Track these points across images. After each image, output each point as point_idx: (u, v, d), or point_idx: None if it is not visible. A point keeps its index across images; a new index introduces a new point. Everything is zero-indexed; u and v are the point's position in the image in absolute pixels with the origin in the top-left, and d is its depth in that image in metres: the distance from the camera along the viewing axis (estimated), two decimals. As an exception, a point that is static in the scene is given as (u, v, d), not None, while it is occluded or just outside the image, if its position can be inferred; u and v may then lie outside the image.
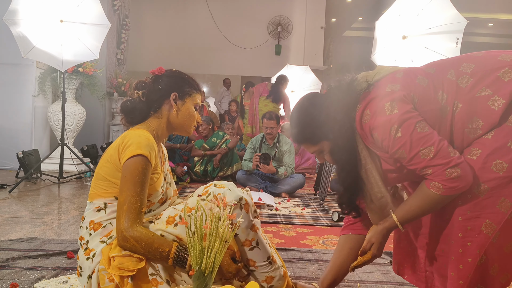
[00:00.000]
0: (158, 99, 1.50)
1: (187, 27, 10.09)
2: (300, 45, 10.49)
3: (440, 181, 1.17)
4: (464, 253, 1.21)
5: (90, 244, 1.38)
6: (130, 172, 1.33)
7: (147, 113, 1.51)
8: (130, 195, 1.31)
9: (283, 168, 4.45)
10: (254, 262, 1.38)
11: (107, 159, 1.41)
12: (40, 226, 2.72)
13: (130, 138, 1.38)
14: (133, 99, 1.51)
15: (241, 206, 1.35)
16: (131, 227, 1.29)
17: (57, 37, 4.07)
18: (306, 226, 3.04)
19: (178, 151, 5.59)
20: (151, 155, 1.37)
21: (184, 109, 1.51)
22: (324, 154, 1.39)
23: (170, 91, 1.50)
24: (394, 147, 1.21)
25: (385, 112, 1.21)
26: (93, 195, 1.42)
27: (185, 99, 1.52)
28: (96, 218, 1.40)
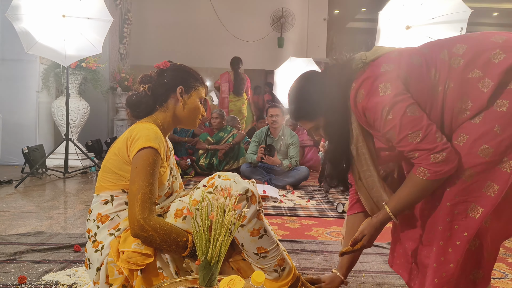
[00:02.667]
0: (164, 93, 1.50)
1: (189, 21, 10.06)
2: (303, 38, 10.44)
3: (425, 165, 1.20)
4: (452, 236, 1.22)
5: (98, 236, 1.39)
6: (141, 163, 1.33)
7: (153, 106, 1.52)
8: (144, 185, 1.31)
9: (288, 160, 4.45)
10: (265, 248, 1.40)
11: (114, 152, 1.41)
12: (46, 220, 2.74)
13: (139, 131, 1.38)
14: (139, 93, 1.51)
15: (248, 198, 1.36)
16: (149, 217, 1.29)
17: (60, 32, 4.06)
18: (310, 218, 3.05)
19: (184, 145, 5.60)
20: (160, 148, 1.37)
21: (190, 103, 1.52)
22: (320, 130, 1.42)
23: (176, 85, 1.50)
24: (385, 128, 1.24)
25: (379, 92, 1.23)
26: (100, 188, 1.43)
27: (191, 92, 1.52)
28: (103, 211, 1.40)
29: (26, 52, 4.06)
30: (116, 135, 7.00)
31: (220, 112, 5.41)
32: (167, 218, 1.36)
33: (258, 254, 1.39)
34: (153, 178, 1.34)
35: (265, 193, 3.63)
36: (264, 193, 3.63)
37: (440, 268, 1.24)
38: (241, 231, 1.37)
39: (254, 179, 4.31)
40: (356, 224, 1.54)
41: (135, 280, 1.33)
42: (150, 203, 1.31)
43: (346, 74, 1.32)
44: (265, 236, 1.39)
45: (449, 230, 1.23)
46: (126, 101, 1.54)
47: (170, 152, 1.56)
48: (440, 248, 1.24)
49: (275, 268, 1.42)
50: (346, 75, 1.32)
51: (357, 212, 1.59)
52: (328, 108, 1.35)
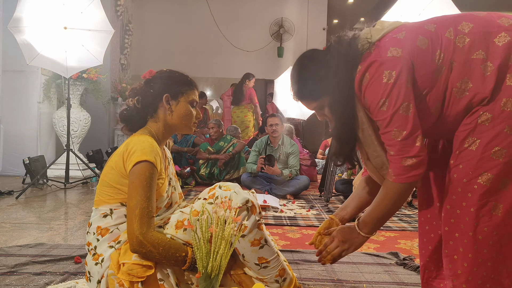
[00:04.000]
0: (152, 103, 1.49)
1: (189, 31, 10.13)
2: (302, 47, 10.48)
3: (394, 167, 1.25)
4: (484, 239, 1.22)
5: (98, 249, 1.39)
6: (138, 177, 1.33)
7: (145, 118, 1.51)
8: (141, 200, 1.31)
9: (288, 170, 4.45)
10: (266, 259, 1.40)
11: (111, 166, 1.42)
12: (47, 231, 2.74)
13: (134, 144, 1.38)
14: (129, 107, 1.51)
15: (248, 208, 1.37)
16: (147, 232, 1.29)
17: (61, 43, 4.09)
18: (311, 227, 3.04)
19: (185, 155, 5.61)
20: (157, 161, 1.37)
21: (179, 109, 1.50)
22: (324, 110, 1.39)
23: (162, 93, 1.49)
24: (377, 117, 1.26)
25: (382, 79, 1.23)
26: (98, 202, 1.43)
27: (179, 98, 1.50)
28: (103, 224, 1.41)
29: (28, 64, 4.09)
30: (117, 145, 7.02)
31: (216, 121, 5.43)
32: (168, 229, 1.37)
33: (259, 264, 1.40)
34: (150, 192, 1.34)
35: (265, 202, 3.63)
36: (265, 202, 3.63)
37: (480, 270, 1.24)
38: (241, 241, 1.37)
39: (255, 188, 4.34)
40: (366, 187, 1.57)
41: (136, 293, 1.33)
42: (148, 217, 1.31)
43: (351, 54, 1.29)
44: (265, 246, 1.39)
45: (480, 233, 1.23)
46: (119, 117, 1.54)
47: (168, 162, 1.56)
48: (475, 251, 1.24)
49: (276, 279, 1.42)
50: (352, 55, 1.29)
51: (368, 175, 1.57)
52: (333, 88, 1.32)
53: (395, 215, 3.54)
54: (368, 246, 2.55)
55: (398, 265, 2.17)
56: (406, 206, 3.91)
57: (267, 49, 10.41)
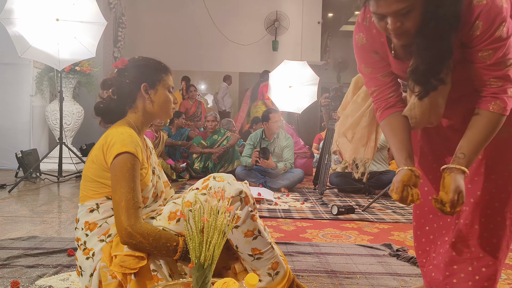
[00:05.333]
0: (129, 93, 1.45)
1: (183, 24, 10.06)
2: (297, 41, 10.47)
3: (501, 97, 1.18)
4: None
5: (88, 244, 1.38)
6: (119, 170, 1.31)
7: (123, 109, 1.47)
8: (125, 192, 1.30)
9: (282, 163, 4.46)
10: (259, 250, 1.40)
11: (92, 160, 1.39)
12: (40, 224, 2.73)
13: (113, 136, 1.35)
14: (105, 99, 1.46)
15: (241, 199, 1.36)
16: (136, 223, 1.28)
17: (54, 36, 4.05)
18: (305, 220, 3.05)
19: (179, 148, 5.59)
20: (137, 151, 1.35)
21: (158, 97, 1.46)
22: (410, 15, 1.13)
23: (139, 82, 1.44)
24: (490, 44, 1.15)
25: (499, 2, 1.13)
26: (84, 197, 1.41)
27: (156, 86, 1.46)
28: (90, 219, 1.39)
29: (20, 56, 4.05)
30: (110, 139, 6.97)
31: (215, 115, 5.42)
32: (161, 220, 1.36)
33: (253, 255, 1.39)
34: (134, 183, 1.32)
35: (260, 195, 3.63)
36: (259, 195, 3.63)
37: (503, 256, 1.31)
38: (235, 232, 1.37)
39: (249, 182, 4.33)
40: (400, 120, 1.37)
41: (129, 284, 1.32)
42: (135, 208, 1.30)
43: None
44: (259, 237, 1.39)
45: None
46: (95, 110, 1.47)
47: (150, 152, 1.54)
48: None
49: (269, 272, 1.42)
50: None
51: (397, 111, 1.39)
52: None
53: (388, 207, 3.56)
54: (362, 238, 2.56)
55: (391, 256, 2.18)
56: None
57: (262, 43, 10.38)
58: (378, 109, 1.42)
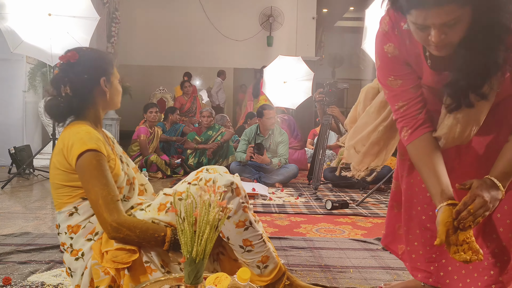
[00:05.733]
0: (88, 88, 1.39)
1: (177, 20, 10.01)
2: (292, 36, 10.45)
3: None
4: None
5: (75, 245, 1.36)
6: (87, 169, 1.28)
7: (81, 105, 1.41)
8: (99, 190, 1.27)
9: (277, 158, 4.46)
10: (250, 241, 1.39)
11: (55, 167, 1.36)
12: (33, 220, 2.71)
13: (70, 138, 1.32)
14: (60, 98, 1.38)
15: (232, 190, 1.36)
16: (119, 217, 1.27)
17: (46, 31, 4.00)
18: (299, 215, 3.06)
19: (173, 144, 5.58)
20: (99, 145, 1.32)
21: (113, 89, 1.46)
22: (456, 26, 1.04)
23: (97, 77, 1.40)
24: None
25: None
26: (59, 205, 1.38)
27: (111, 79, 1.45)
28: (72, 222, 1.37)
29: (12, 52, 4.01)
30: (104, 135, 6.94)
31: (211, 111, 5.41)
32: (150, 212, 1.35)
33: (244, 247, 1.39)
34: (106, 178, 1.29)
35: (254, 191, 3.63)
36: (254, 191, 3.63)
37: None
38: (226, 223, 1.36)
39: (244, 177, 4.34)
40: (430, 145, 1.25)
41: (123, 279, 1.32)
42: (114, 203, 1.28)
43: None
44: (250, 228, 1.38)
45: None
46: (49, 112, 1.40)
47: (113, 142, 1.52)
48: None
49: (258, 264, 1.42)
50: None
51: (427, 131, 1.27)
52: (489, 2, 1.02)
53: (382, 201, 3.57)
54: (355, 233, 2.57)
55: (384, 250, 2.18)
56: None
57: (256, 38, 10.36)
58: (405, 128, 1.28)
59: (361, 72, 11.02)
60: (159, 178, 4.74)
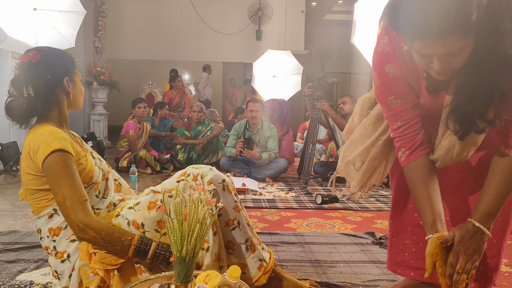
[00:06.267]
0: (50, 89, 1.37)
1: (165, 13, 9.93)
2: (281, 30, 10.43)
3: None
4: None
5: (59, 248, 1.35)
6: (53, 171, 1.26)
7: (44, 106, 1.38)
8: (65, 191, 1.25)
9: (267, 153, 4.46)
10: (233, 244, 1.39)
11: (26, 172, 1.34)
12: (21, 219, 2.68)
13: (35, 141, 1.30)
14: (22, 99, 1.35)
15: (224, 187, 1.35)
16: (86, 218, 1.25)
17: (31, 25, 3.96)
18: (290, 209, 3.06)
19: (163, 139, 5.55)
20: (65, 145, 1.30)
21: (76, 89, 1.44)
22: (460, 55, 1.03)
23: (60, 77, 1.37)
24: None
25: None
26: (37, 210, 1.37)
27: (74, 78, 1.43)
28: (53, 225, 1.35)
29: (-4, 47, 3.95)
30: (93, 130, 6.88)
31: (201, 106, 5.39)
32: (140, 210, 1.34)
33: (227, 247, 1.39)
34: (72, 179, 1.27)
35: (244, 186, 3.63)
36: (244, 186, 3.63)
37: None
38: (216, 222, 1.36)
39: (234, 172, 4.33)
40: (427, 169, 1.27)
41: (112, 280, 1.31)
42: (81, 203, 1.26)
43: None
44: (237, 229, 1.38)
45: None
46: (10, 113, 1.37)
47: (81, 140, 1.51)
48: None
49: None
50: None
51: (424, 154, 1.28)
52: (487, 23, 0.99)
53: (372, 195, 3.59)
54: (346, 227, 2.59)
55: (374, 244, 2.20)
56: (383, 186, 3.97)
57: (245, 32, 10.32)
58: (402, 148, 1.29)
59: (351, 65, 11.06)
60: (149, 174, 4.71)
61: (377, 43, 1.26)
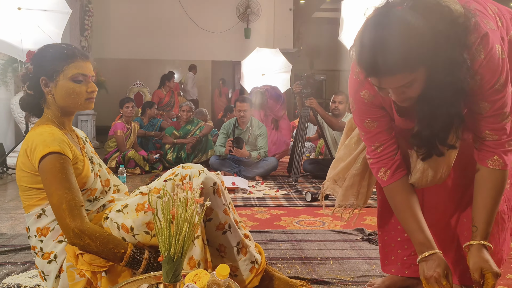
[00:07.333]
0: (37, 88, 1.36)
1: (153, 12, 9.86)
2: (269, 28, 10.43)
3: (499, 152, 1.17)
4: None
5: (46, 248, 1.34)
6: (49, 172, 1.25)
7: (39, 105, 1.39)
8: (62, 194, 1.24)
9: (256, 151, 4.46)
10: (225, 247, 1.38)
11: (21, 169, 1.33)
12: (8, 221, 2.64)
13: (34, 139, 1.29)
14: (24, 95, 1.39)
15: (214, 190, 1.35)
16: (82, 224, 1.24)
17: (16, 25, 3.90)
18: (280, 207, 3.07)
19: (152, 139, 5.51)
20: (63, 148, 1.28)
21: (59, 90, 1.34)
22: (414, 85, 1.09)
23: (38, 76, 1.35)
24: (489, 97, 1.13)
25: (496, 53, 1.10)
26: (27, 207, 1.36)
27: (56, 78, 1.34)
28: (41, 225, 1.34)
29: (-20, 47, 3.88)
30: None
31: (191, 105, 5.36)
32: (128, 213, 1.32)
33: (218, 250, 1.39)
34: (69, 182, 1.26)
35: (234, 184, 3.63)
36: (234, 184, 3.62)
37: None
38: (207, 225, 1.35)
39: (223, 171, 4.32)
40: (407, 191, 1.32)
41: (99, 282, 1.29)
42: (78, 208, 1.25)
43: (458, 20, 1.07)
44: (228, 232, 1.38)
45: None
46: (20, 105, 1.42)
47: (84, 142, 1.49)
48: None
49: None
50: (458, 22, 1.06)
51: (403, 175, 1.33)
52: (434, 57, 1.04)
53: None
54: (335, 224, 2.60)
55: (363, 241, 2.22)
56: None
57: (234, 30, 10.29)
58: (383, 169, 1.33)
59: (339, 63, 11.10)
60: (138, 174, 4.68)
61: (351, 72, 1.32)
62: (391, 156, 1.32)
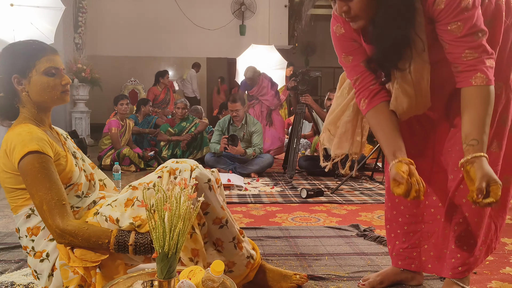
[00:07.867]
0: (9, 88, 1.33)
1: (148, 9, 9.81)
2: (264, 25, 10.41)
3: (481, 69, 1.18)
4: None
5: (37, 247, 1.33)
6: (29, 173, 1.24)
7: (14, 105, 1.35)
8: (43, 194, 1.23)
9: (252, 148, 4.45)
10: (222, 242, 1.38)
11: (3, 170, 1.31)
12: (1, 219, 2.63)
13: (12, 140, 1.27)
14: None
15: (210, 187, 1.34)
16: (62, 223, 1.23)
17: (8, 22, 3.87)
18: (275, 204, 3.07)
19: (147, 136, 5.50)
20: (42, 146, 1.27)
21: (34, 86, 1.32)
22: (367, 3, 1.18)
23: (10, 75, 1.32)
24: (456, 17, 1.15)
25: None
26: (15, 208, 1.35)
27: (28, 74, 1.31)
28: (31, 225, 1.33)
29: (-28, 44, 3.85)
30: (74, 128, 6.78)
31: (186, 102, 5.34)
32: (116, 207, 1.32)
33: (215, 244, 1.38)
34: (50, 182, 1.25)
35: (229, 181, 3.62)
36: (229, 181, 3.62)
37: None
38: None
39: (219, 168, 4.31)
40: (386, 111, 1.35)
41: (94, 278, 1.29)
42: (58, 207, 1.24)
43: None
44: (225, 227, 1.37)
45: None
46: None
47: (65, 138, 1.47)
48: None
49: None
50: None
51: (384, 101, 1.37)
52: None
53: (356, 188, 3.62)
54: (330, 220, 2.60)
55: (358, 237, 2.22)
56: (367, 180, 4.01)
57: (229, 27, 10.26)
58: (362, 99, 1.38)
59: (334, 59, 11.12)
60: (133, 172, 4.67)
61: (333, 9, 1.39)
62: (369, 87, 1.37)
